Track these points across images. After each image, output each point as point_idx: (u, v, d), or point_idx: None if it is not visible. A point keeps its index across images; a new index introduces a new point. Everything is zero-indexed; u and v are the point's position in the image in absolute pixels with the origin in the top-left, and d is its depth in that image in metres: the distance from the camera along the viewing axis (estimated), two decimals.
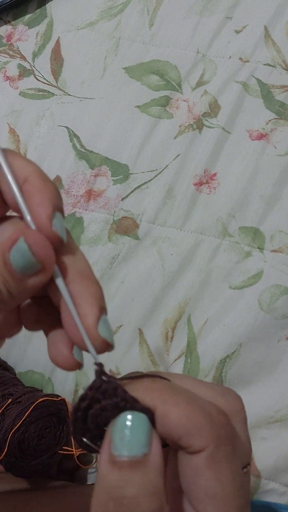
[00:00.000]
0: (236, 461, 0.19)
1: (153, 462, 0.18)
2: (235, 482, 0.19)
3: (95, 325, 0.19)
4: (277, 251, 0.49)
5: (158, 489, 0.18)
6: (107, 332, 0.20)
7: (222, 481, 0.18)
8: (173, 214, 0.53)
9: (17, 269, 0.19)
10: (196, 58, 0.58)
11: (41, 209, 0.19)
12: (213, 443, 0.18)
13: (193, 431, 0.18)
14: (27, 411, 0.43)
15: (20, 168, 0.20)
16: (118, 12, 0.62)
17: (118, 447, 0.18)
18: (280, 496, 0.45)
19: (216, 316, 0.49)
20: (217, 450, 0.19)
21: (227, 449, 0.19)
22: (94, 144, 0.57)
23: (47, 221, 0.19)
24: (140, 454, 0.18)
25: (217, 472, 0.18)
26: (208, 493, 0.18)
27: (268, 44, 0.57)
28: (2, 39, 0.65)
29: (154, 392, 0.19)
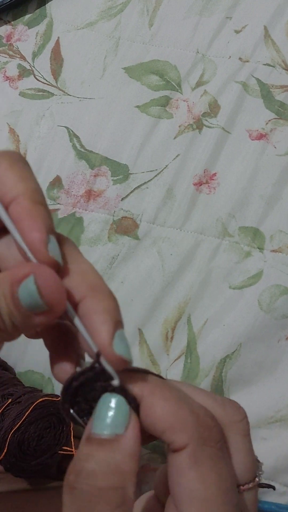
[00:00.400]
0: (222, 467, 0.19)
1: (124, 444, 0.18)
2: (221, 487, 0.18)
3: (109, 343, 0.19)
4: (277, 251, 0.49)
5: (121, 470, 0.18)
6: (123, 349, 0.19)
7: (205, 483, 0.18)
8: (173, 214, 0.53)
9: (24, 305, 0.18)
10: (196, 58, 0.58)
11: (35, 235, 0.19)
12: (195, 442, 0.18)
13: (176, 426, 0.18)
14: (27, 411, 0.43)
15: (9, 186, 0.19)
16: (118, 12, 0.62)
17: (94, 424, 0.18)
18: (280, 496, 0.45)
19: (216, 316, 0.49)
20: (200, 450, 0.18)
21: (211, 451, 0.19)
22: (94, 144, 0.57)
23: (43, 247, 0.19)
24: (110, 433, 0.18)
25: (200, 473, 0.18)
26: (191, 495, 0.18)
27: (268, 44, 0.57)
28: (2, 39, 0.65)
29: (145, 383, 0.19)
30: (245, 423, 0.21)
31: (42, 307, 0.18)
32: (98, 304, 0.19)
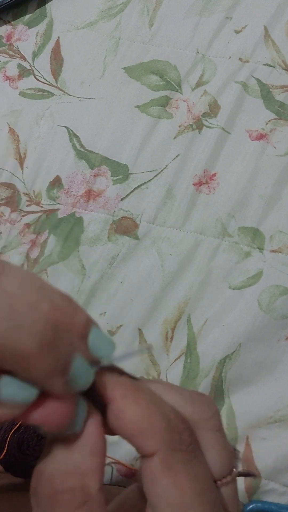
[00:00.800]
0: (196, 469, 0.19)
1: (83, 441, 0.17)
2: (196, 490, 0.18)
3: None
4: (277, 251, 0.49)
5: (79, 470, 0.17)
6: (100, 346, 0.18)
7: (180, 488, 0.18)
8: (173, 214, 0.53)
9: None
10: (196, 58, 0.58)
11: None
12: (165, 447, 0.18)
13: (147, 431, 0.18)
14: None
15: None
16: (118, 12, 0.62)
17: None
18: (280, 496, 0.45)
19: (215, 316, 0.49)
20: (171, 455, 0.18)
21: (182, 456, 0.18)
22: (94, 144, 0.57)
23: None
24: (70, 431, 0.17)
25: (174, 478, 0.18)
26: (167, 501, 0.18)
27: (268, 44, 0.57)
28: (2, 39, 0.65)
29: (117, 385, 0.19)
30: (216, 419, 0.21)
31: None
32: None
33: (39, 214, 0.55)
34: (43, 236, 0.54)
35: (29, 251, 0.54)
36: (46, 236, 0.54)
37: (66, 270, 0.53)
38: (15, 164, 0.58)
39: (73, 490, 0.17)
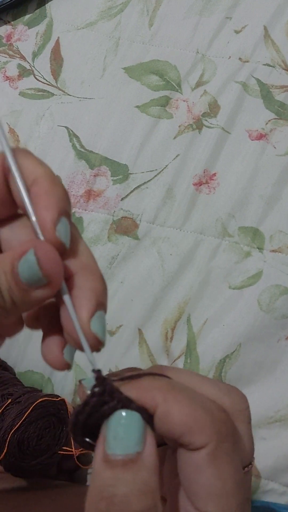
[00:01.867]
0: (236, 458, 0.20)
1: (146, 460, 0.18)
2: (236, 479, 0.19)
3: (88, 319, 0.19)
4: (277, 251, 0.49)
5: (150, 488, 0.17)
6: (99, 329, 0.19)
7: (223, 478, 0.19)
8: (173, 214, 0.53)
9: (23, 280, 0.19)
10: (195, 58, 0.58)
11: (46, 213, 0.19)
12: (214, 440, 0.19)
13: (195, 428, 0.19)
14: (27, 411, 0.43)
15: (30, 169, 0.20)
16: (118, 12, 0.62)
17: (112, 445, 0.18)
18: (280, 496, 0.45)
19: (215, 316, 0.49)
20: (218, 447, 0.19)
21: (227, 446, 0.19)
22: (94, 144, 0.57)
23: (51, 226, 0.19)
24: (133, 452, 0.18)
25: (218, 469, 0.19)
26: (209, 491, 0.19)
27: (268, 44, 0.57)
28: (2, 39, 0.65)
29: (154, 391, 0.19)
30: (249, 411, 0.22)
31: (41, 280, 0.19)
32: (86, 282, 0.20)
33: None
34: None
35: None
36: None
37: None
38: None
39: (150, 509, 0.17)
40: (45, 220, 0.19)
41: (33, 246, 0.18)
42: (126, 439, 0.18)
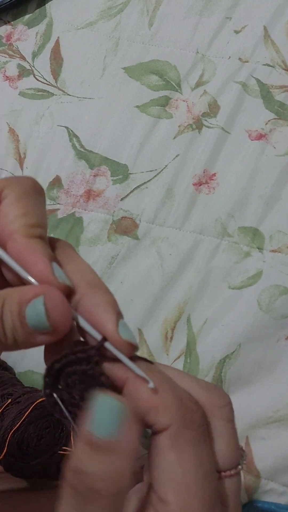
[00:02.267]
0: (203, 451, 0.19)
1: (122, 447, 0.18)
2: (200, 472, 0.19)
3: (116, 331, 0.20)
4: (276, 251, 0.49)
5: (119, 474, 0.18)
6: (129, 334, 0.20)
7: (184, 467, 0.19)
8: (173, 214, 0.53)
9: (29, 324, 0.19)
10: (195, 58, 0.58)
11: (40, 267, 0.19)
12: (176, 424, 0.19)
13: (160, 408, 0.19)
14: (27, 411, 0.43)
15: (7, 223, 0.20)
16: (117, 12, 0.62)
17: (92, 427, 0.18)
18: (280, 496, 0.45)
19: (215, 316, 0.49)
20: (181, 432, 0.19)
21: (192, 434, 0.19)
22: (94, 144, 0.57)
23: (51, 276, 0.19)
24: (110, 438, 0.18)
25: (179, 456, 0.19)
26: (169, 477, 0.19)
27: (268, 44, 0.57)
28: (2, 39, 0.65)
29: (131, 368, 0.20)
30: (229, 409, 0.22)
31: (47, 328, 0.19)
32: (99, 299, 0.20)
33: None
34: None
35: None
36: None
37: None
38: (15, 164, 0.58)
39: (111, 491, 0.17)
40: (43, 274, 0.19)
41: (43, 293, 0.19)
42: (106, 424, 0.18)
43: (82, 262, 0.21)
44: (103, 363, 0.20)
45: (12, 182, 0.21)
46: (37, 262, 0.19)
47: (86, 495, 0.17)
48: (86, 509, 0.17)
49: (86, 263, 0.21)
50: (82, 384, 0.20)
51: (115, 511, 0.18)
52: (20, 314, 0.19)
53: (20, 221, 0.20)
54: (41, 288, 0.19)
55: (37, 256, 0.19)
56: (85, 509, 0.17)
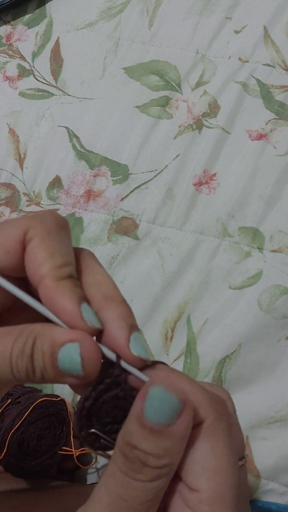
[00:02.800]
0: (231, 441, 0.20)
1: (172, 433, 0.19)
2: (230, 460, 0.20)
3: (126, 346, 0.20)
4: (277, 251, 0.49)
5: (169, 454, 0.19)
6: (139, 349, 0.20)
7: (218, 455, 0.20)
8: (173, 214, 0.53)
9: (61, 367, 0.19)
10: (195, 58, 0.58)
11: (69, 313, 0.20)
12: (211, 416, 0.20)
13: (194, 403, 0.20)
14: (27, 411, 0.43)
15: (36, 266, 0.21)
16: (117, 12, 0.62)
17: (147, 409, 0.19)
18: (280, 496, 0.45)
19: (215, 316, 0.49)
20: (215, 423, 0.20)
21: (223, 424, 0.20)
22: (94, 144, 0.57)
23: (80, 321, 0.20)
24: (163, 423, 0.19)
25: (213, 446, 0.20)
26: (203, 466, 0.20)
27: (268, 44, 0.57)
28: (2, 39, 0.65)
29: (154, 370, 0.21)
30: (231, 401, 0.23)
31: (79, 374, 0.20)
32: (113, 312, 0.21)
33: None
34: None
35: None
36: None
37: None
38: (15, 164, 0.58)
39: (161, 468, 0.19)
40: (72, 320, 0.20)
41: (79, 341, 0.19)
42: (160, 412, 0.19)
43: (100, 272, 0.22)
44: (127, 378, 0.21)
45: (36, 222, 0.21)
46: (66, 306, 0.20)
47: (136, 464, 0.19)
48: (136, 475, 0.19)
49: (104, 274, 0.22)
50: (115, 409, 0.21)
51: (163, 479, 0.19)
52: (52, 356, 0.19)
53: (48, 263, 0.20)
54: (76, 335, 0.20)
55: (66, 299, 0.20)
56: (135, 475, 0.19)
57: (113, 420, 0.21)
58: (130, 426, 0.19)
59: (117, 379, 0.21)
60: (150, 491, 0.19)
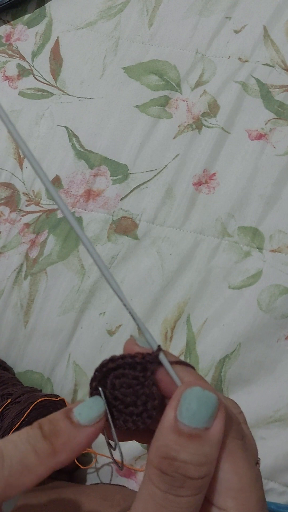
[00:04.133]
0: (249, 454, 0.20)
1: (211, 437, 0.19)
2: (251, 475, 0.20)
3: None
4: (276, 251, 0.49)
5: (209, 460, 0.19)
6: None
7: (239, 473, 0.20)
8: (172, 214, 0.53)
9: None
10: (195, 58, 0.58)
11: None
12: (228, 436, 0.20)
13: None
14: (26, 411, 0.43)
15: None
16: (117, 12, 0.62)
17: (183, 414, 0.19)
18: (280, 495, 0.45)
19: (215, 316, 0.49)
20: (232, 442, 0.20)
21: (240, 443, 0.20)
22: (94, 144, 0.57)
23: None
24: (201, 427, 0.19)
25: (234, 464, 0.20)
26: (227, 486, 0.20)
27: (267, 44, 0.57)
28: (1, 39, 0.65)
29: (187, 373, 0.21)
30: (243, 413, 0.23)
31: None
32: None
33: (39, 214, 0.55)
34: (42, 235, 0.54)
35: (28, 250, 0.54)
36: (46, 236, 0.54)
37: (66, 270, 0.53)
38: (15, 164, 0.58)
39: (203, 478, 0.19)
40: None
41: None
42: (198, 414, 0.19)
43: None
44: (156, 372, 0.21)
45: None
46: None
47: (177, 479, 0.19)
48: (178, 491, 0.19)
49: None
50: (129, 388, 0.21)
51: (203, 492, 0.19)
52: None
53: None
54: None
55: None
56: (177, 491, 0.19)
57: (122, 399, 0.21)
58: (164, 438, 0.19)
59: (146, 365, 0.21)
60: (193, 506, 0.19)
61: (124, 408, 0.21)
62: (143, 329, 0.21)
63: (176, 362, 0.21)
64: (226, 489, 0.20)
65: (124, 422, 0.22)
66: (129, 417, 0.22)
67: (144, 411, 0.21)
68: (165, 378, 0.21)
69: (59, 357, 0.52)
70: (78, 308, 0.52)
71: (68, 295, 0.52)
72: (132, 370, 0.21)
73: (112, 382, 0.21)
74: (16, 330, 0.53)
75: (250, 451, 0.21)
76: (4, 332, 0.53)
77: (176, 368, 0.21)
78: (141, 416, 0.21)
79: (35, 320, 0.52)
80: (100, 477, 0.50)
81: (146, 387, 0.21)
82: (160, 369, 0.21)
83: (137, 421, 0.21)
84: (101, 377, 0.22)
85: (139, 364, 0.21)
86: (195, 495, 0.19)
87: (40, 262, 0.54)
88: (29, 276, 0.53)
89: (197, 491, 0.19)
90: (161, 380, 0.21)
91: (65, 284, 0.52)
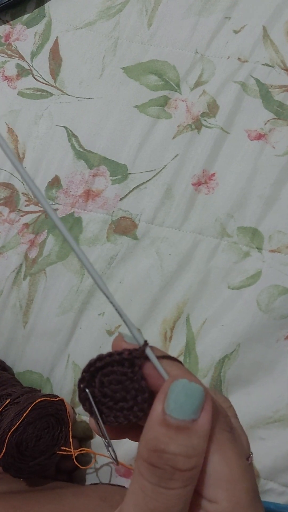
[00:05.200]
0: (238, 446, 0.21)
1: (199, 428, 0.19)
2: (241, 466, 0.20)
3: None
4: (276, 251, 0.49)
5: (197, 452, 0.19)
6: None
7: (229, 464, 0.20)
8: (172, 214, 0.53)
9: None
10: (194, 58, 0.58)
11: None
12: (217, 428, 0.20)
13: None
14: (25, 411, 0.43)
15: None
16: (116, 12, 0.62)
17: (171, 407, 0.19)
18: (279, 495, 0.45)
19: (214, 316, 0.49)
20: (220, 434, 0.20)
21: (229, 435, 0.21)
22: (93, 144, 0.57)
23: None
24: (188, 419, 0.19)
25: (223, 456, 0.20)
26: (217, 477, 0.20)
27: (267, 44, 0.57)
28: (1, 39, 0.65)
29: (174, 367, 0.21)
30: (233, 407, 0.24)
31: None
32: None
33: (38, 214, 0.55)
34: (41, 236, 0.54)
35: (27, 251, 0.54)
36: (45, 236, 0.54)
37: (65, 270, 0.53)
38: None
39: (192, 470, 0.19)
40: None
41: None
42: (185, 406, 0.19)
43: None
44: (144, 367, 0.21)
45: None
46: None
47: (167, 471, 0.19)
48: (168, 484, 0.19)
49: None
50: (118, 385, 0.21)
51: (193, 484, 0.19)
52: None
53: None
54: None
55: None
56: (167, 484, 0.19)
57: (111, 396, 0.21)
58: (152, 431, 0.19)
59: (134, 361, 0.21)
60: (183, 498, 0.19)
61: (114, 404, 0.21)
62: (129, 324, 0.21)
63: (163, 356, 0.21)
64: (216, 480, 0.20)
65: (115, 418, 0.22)
66: (120, 412, 0.22)
67: (134, 404, 0.21)
68: (152, 372, 0.21)
69: (58, 357, 0.52)
70: (77, 309, 0.52)
71: (67, 296, 0.52)
72: (120, 367, 0.21)
73: (101, 380, 0.22)
74: (15, 330, 0.53)
75: (240, 443, 0.21)
76: (3, 332, 0.53)
77: (163, 363, 0.21)
78: (132, 410, 0.21)
79: (34, 321, 0.52)
80: (100, 477, 0.50)
81: (135, 381, 0.21)
82: (147, 363, 0.21)
83: (128, 415, 0.22)
84: (89, 377, 0.22)
85: (126, 360, 0.21)
86: (184, 487, 0.19)
87: (39, 262, 0.54)
88: (28, 277, 0.53)
89: (187, 483, 0.19)
90: (149, 374, 0.21)
91: (64, 284, 0.52)
